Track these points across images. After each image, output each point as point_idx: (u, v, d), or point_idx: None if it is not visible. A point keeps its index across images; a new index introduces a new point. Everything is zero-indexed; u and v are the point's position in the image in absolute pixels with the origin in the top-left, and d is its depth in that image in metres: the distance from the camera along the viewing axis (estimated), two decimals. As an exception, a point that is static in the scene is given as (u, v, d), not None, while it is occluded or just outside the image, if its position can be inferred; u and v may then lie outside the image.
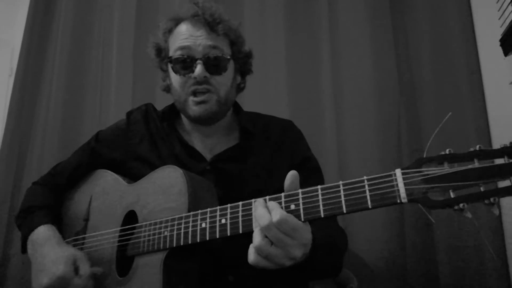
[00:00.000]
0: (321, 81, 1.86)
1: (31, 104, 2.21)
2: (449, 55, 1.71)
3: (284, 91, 1.87)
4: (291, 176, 0.81)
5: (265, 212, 0.77)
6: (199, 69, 1.10)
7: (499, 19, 1.49)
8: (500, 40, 1.45)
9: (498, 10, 1.50)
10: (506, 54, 1.44)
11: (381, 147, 1.72)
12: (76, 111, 2.14)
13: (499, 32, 1.47)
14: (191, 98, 1.13)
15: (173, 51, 1.15)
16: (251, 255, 0.79)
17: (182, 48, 1.12)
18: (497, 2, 1.52)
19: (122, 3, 2.16)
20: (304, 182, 0.82)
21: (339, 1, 1.92)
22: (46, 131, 2.11)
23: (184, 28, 1.15)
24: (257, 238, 0.77)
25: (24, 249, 1.16)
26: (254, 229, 0.80)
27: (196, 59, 1.11)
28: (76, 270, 1.01)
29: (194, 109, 1.13)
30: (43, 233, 1.11)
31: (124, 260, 1.04)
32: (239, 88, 1.29)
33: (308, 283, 1.17)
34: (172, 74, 1.17)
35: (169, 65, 1.17)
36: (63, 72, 2.15)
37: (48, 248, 1.06)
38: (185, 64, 1.12)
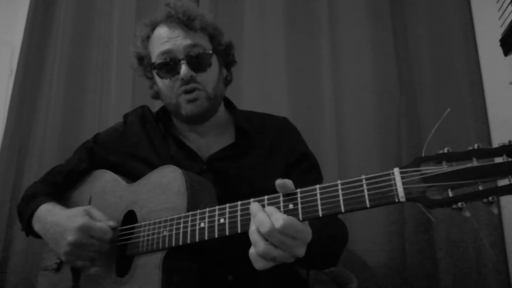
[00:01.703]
0: (321, 81, 1.86)
1: (31, 104, 2.21)
2: (449, 55, 1.71)
3: (284, 91, 1.86)
4: (286, 183, 0.79)
5: (265, 217, 0.76)
6: (184, 69, 1.10)
7: (499, 19, 1.49)
8: (500, 40, 1.45)
9: (498, 10, 1.50)
10: (506, 54, 1.44)
11: (381, 147, 1.72)
12: (76, 111, 2.14)
13: (499, 32, 1.47)
14: (182, 97, 1.13)
15: (155, 57, 1.15)
16: (258, 262, 0.77)
17: (163, 52, 1.13)
18: (497, 2, 1.52)
19: (122, 3, 2.16)
20: (302, 178, 0.82)
21: (339, 1, 1.92)
22: (46, 131, 2.11)
23: (161, 32, 1.15)
24: (260, 244, 0.75)
25: (28, 233, 1.18)
26: (250, 234, 0.78)
27: (179, 60, 1.11)
28: (92, 217, 1.01)
29: (186, 107, 1.13)
30: (47, 207, 1.13)
31: (124, 260, 1.04)
32: (227, 81, 1.28)
33: (308, 283, 1.17)
34: (158, 80, 1.17)
35: (154, 72, 1.17)
36: (63, 72, 2.15)
37: (55, 216, 1.07)
38: (169, 67, 1.13)
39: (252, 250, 0.77)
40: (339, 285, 1.42)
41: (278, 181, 0.79)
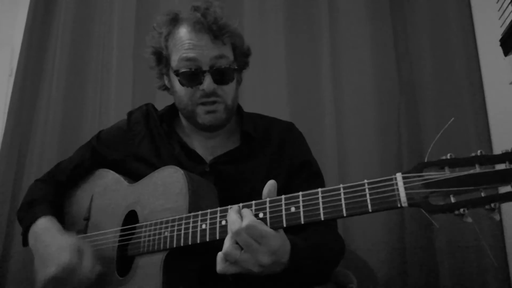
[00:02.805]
0: (321, 81, 1.86)
1: (31, 104, 2.21)
2: (449, 55, 1.71)
3: (284, 91, 1.86)
4: (269, 184, 0.85)
5: (236, 218, 0.80)
6: (208, 82, 1.09)
7: (499, 19, 1.49)
8: (500, 40, 1.45)
9: (498, 10, 1.50)
10: (506, 54, 1.45)
11: (381, 148, 1.72)
12: (76, 111, 2.13)
13: (499, 32, 1.47)
14: (201, 107, 1.12)
15: (178, 62, 1.11)
16: (219, 264, 0.81)
17: (187, 59, 1.09)
18: (497, 2, 1.52)
19: (122, 3, 2.16)
20: (304, 186, 0.83)
21: (339, 2, 1.92)
22: (46, 131, 2.10)
23: (186, 35, 1.11)
24: (226, 243, 0.80)
25: (25, 243, 1.16)
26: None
27: (204, 72, 1.09)
28: (80, 258, 1.00)
29: (204, 117, 1.13)
30: (44, 223, 1.11)
31: (125, 260, 1.04)
32: (238, 84, 1.28)
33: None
34: (177, 84, 1.15)
35: (175, 77, 1.14)
36: (63, 72, 2.14)
37: (50, 238, 1.06)
38: (192, 76, 1.10)
39: (219, 252, 0.82)
40: (339, 285, 1.42)
41: (270, 181, 0.85)
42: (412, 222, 1.61)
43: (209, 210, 0.91)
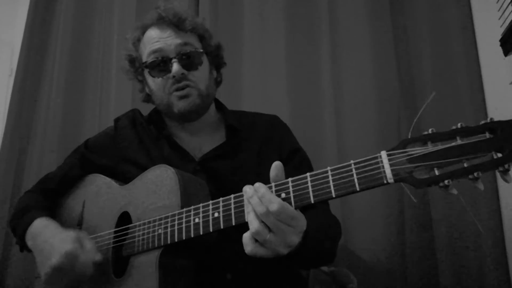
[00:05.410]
0: (321, 81, 1.85)
1: (31, 104, 2.21)
2: (449, 55, 1.71)
3: (284, 91, 1.86)
4: (276, 166, 0.83)
5: (262, 199, 0.78)
6: (175, 67, 1.12)
7: (499, 19, 1.49)
8: (500, 40, 1.45)
9: (498, 10, 1.50)
10: (506, 54, 1.45)
11: (381, 147, 1.70)
12: (76, 111, 2.14)
13: (499, 32, 1.47)
14: (174, 94, 1.14)
15: (146, 57, 1.16)
16: (248, 245, 0.78)
17: (154, 51, 1.14)
18: (497, 2, 1.52)
19: (122, 3, 2.16)
20: (295, 174, 0.83)
21: (339, 2, 1.92)
22: (46, 131, 2.11)
23: (152, 33, 1.17)
24: (254, 223, 0.77)
25: (21, 248, 1.16)
26: (247, 213, 0.80)
27: (171, 59, 1.13)
28: (81, 245, 1.00)
29: (178, 104, 1.14)
30: (41, 223, 1.11)
31: (120, 261, 1.04)
32: (217, 82, 1.30)
33: (307, 283, 1.17)
34: (150, 79, 1.18)
35: (146, 71, 1.18)
36: (63, 72, 2.15)
37: (48, 234, 1.05)
38: (161, 66, 1.14)
39: (246, 233, 0.79)
40: (339, 285, 1.42)
41: (276, 162, 0.83)
42: (412, 222, 1.60)
43: (201, 204, 0.91)
